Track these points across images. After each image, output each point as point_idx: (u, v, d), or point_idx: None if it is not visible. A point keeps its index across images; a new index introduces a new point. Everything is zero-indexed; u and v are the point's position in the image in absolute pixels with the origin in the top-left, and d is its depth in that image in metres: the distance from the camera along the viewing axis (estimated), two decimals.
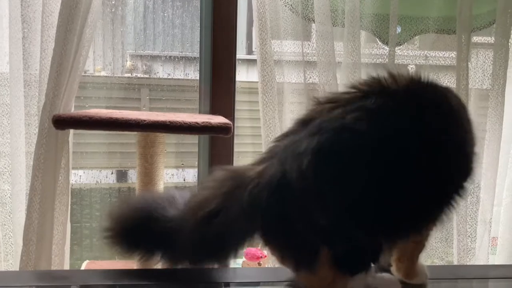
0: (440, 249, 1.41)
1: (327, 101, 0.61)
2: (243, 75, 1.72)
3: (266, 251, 1.33)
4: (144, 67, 1.75)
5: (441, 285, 0.86)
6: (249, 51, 1.85)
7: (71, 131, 1.18)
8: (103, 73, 1.69)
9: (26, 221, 1.08)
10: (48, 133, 1.07)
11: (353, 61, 1.30)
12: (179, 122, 1.07)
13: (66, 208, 1.14)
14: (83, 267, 1.46)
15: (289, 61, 1.34)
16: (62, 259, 1.15)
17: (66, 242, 1.18)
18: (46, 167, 1.08)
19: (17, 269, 1.15)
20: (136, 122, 1.05)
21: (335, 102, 0.60)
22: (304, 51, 1.31)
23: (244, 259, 1.39)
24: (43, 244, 1.09)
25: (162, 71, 1.73)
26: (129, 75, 1.73)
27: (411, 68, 1.52)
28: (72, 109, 1.19)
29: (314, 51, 1.32)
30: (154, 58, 1.75)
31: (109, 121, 1.04)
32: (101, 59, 1.70)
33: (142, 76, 1.74)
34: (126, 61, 1.73)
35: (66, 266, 1.21)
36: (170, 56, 1.72)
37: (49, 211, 1.10)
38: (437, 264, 1.38)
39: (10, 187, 1.28)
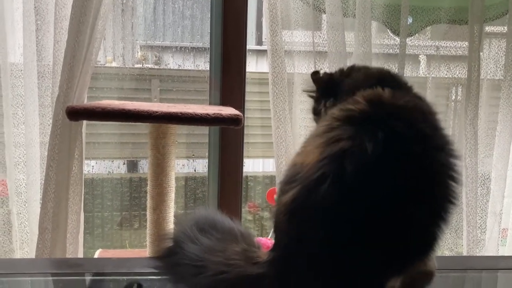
0: (450, 240, 1.41)
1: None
2: (253, 65, 1.72)
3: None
4: (154, 58, 1.76)
5: (451, 275, 0.87)
6: (259, 42, 1.85)
7: (84, 122, 1.20)
8: (114, 64, 1.71)
9: (41, 210, 1.10)
10: (62, 124, 1.09)
11: (364, 51, 1.30)
12: (191, 114, 1.08)
13: (79, 198, 1.17)
14: (96, 256, 1.49)
15: (300, 51, 1.34)
16: (76, 248, 1.18)
17: (80, 231, 1.20)
18: (60, 158, 1.10)
19: (33, 257, 1.18)
20: (148, 113, 1.06)
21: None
22: (314, 42, 1.30)
23: None
24: (58, 233, 1.11)
25: (172, 62, 1.74)
26: (139, 66, 1.74)
27: (423, 60, 1.51)
28: (85, 101, 1.20)
29: (324, 42, 1.32)
30: (164, 49, 1.76)
31: (121, 112, 1.05)
32: (112, 50, 1.72)
33: (153, 67, 1.75)
34: (137, 52, 1.75)
35: (80, 255, 1.23)
36: (180, 47, 1.73)
37: (64, 200, 1.12)
38: (446, 255, 1.38)
39: (25, 177, 1.30)
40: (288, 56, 1.33)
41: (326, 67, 1.31)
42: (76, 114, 1.06)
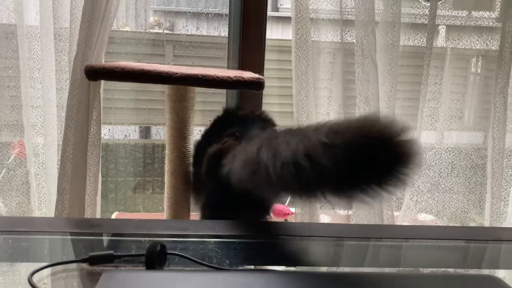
0: (472, 211, 1.39)
1: None
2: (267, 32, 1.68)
3: (293, 208, 1.33)
4: (167, 23, 1.72)
5: (472, 246, 0.85)
6: (274, 8, 1.80)
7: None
8: (127, 29, 1.67)
9: (60, 171, 1.10)
10: (80, 84, 1.07)
11: (392, 20, 1.23)
12: (211, 76, 1.05)
13: (97, 160, 1.16)
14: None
15: (325, 19, 1.28)
16: (94, 210, 1.18)
17: (98, 193, 1.20)
18: (78, 119, 1.09)
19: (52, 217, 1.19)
20: (168, 74, 1.03)
21: None
22: (342, 9, 1.24)
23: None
24: (77, 194, 1.11)
25: (187, 28, 1.70)
26: (155, 30, 1.70)
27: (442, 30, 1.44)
28: (103, 61, 1.18)
29: (352, 9, 1.26)
30: (178, 14, 1.72)
31: (141, 73, 1.02)
32: (125, 14, 1.68)
33: (167, 32, 1.71)
34: (150, 17, 1.70)
35: (98, 217, 1.23)
36: (195, 13, 1.68)
37: (82, 161, 1.11)
38: (467, 226, 1.37)
39: (42, 138, 1.29)
40: (314, 23, 1.27)
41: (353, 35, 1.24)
42: (95, 73, 1.04)
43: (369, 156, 0.62)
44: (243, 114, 1.08)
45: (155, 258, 0.64)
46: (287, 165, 0.67)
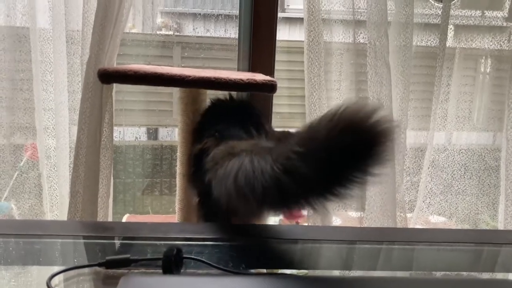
0: (485, 213, 1.38)
1: None
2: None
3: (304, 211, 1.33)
4: (175, 25, 1.72)
5: (484, 248, 0.84)
6: (281, 9, 1.79)
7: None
8: (134, 31, 1.68)
9: (73, 173, 1.10)
10: (93, 87, 1.07)
11: (404, 20, 1.22)
12: (224, 79, 1.05)
13: (110, 163, 1.16)
14: (124, 220, 1.50)
15: (337, 20, 1.28)
16: (106, 212, 1.18)
17: (110, 196, 1.20)
18: (91, 121, 1.09)
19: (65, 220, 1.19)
20: (181, 77, 1.03)
21: None
22: (354, 10, 1.23)
23: (281, 218, 1.40)
24: (90, 197, 1.11)
25: (195, 30, 1.70)
26: (163, 32, 1.70)
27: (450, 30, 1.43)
28: (115, 64, 1.18)
29: (364, 10, 1.25)
30: (185, 16, 1.72)
31: (154, 76, 1.02)
32: (133, 16, 1.68)
33: (177, 34, 1.71)
34: (158, 19, 1.71)
35: (110, 219, 1.24)
36: (204, 14, 1.68)
37: (95, 164, 1.12)
38: (481, 229, 1.35)
39: (54, 140, 1.30)
40: (326, 24, 1.27)
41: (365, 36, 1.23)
42: (108, 76, 1.04)
43: (346, 151, 0.63)
44: (228, 105, 1.10)
45: (172, 262, 0.64)
46: (268, 189, 0.67)
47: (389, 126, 0.61)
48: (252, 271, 0.70)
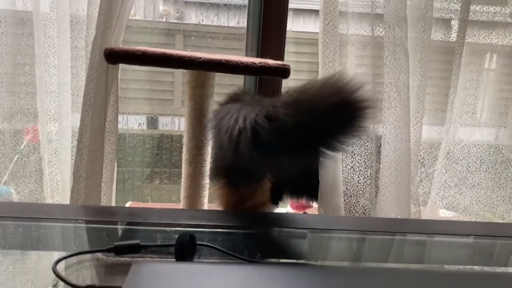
0: (501, 207, 1.34)
1: None
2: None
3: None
4: (177, 13, 1.68)
5: (498, 242, 0.82)
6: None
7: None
8: (136, 17, 1.63)
9: (76, 157, 1.06)
10: (99, 67, 1.02)
11: (422, 15, 1.17)
12: (236, 62, 1.01)
13: (114, 147, 1.12)
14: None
15: (354, 12, 1.22)
16: (110, 198, 1.14)
17: (114, 181, 1.16)
18: (96, 103, 1.04)
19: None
20: (190, 59, 0.99)
21: None
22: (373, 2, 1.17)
23: (289, 208, 1.37)
24: (93, 182, 1.07)
25: (200, 18, 1.66)
26: (164, 20, 1.66)
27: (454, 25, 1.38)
28: (121, 45, 1.13)
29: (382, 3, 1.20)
30: (189, 4, 1.67)
31: (163, 56, 0.98)
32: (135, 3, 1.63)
33: (178, 22, 1.67)
34: (160, 6, 1.66)
35: (113, 205, 1.20)
36: (209, 3, 1.64)
37: (99, 148, 1.07)
38: (497, 222, 1.32)
39: (56, 124, 1.25)
40: (342, 16, 1.21)
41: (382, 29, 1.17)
42: (115, 56, 1.00)
43: (330, 109, 0.69)
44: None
45: (186, 249, 0.60)
46: (245, 130, 0.71)
47: (369, 100, 0.69)
48: (268, 260, 0.67)
